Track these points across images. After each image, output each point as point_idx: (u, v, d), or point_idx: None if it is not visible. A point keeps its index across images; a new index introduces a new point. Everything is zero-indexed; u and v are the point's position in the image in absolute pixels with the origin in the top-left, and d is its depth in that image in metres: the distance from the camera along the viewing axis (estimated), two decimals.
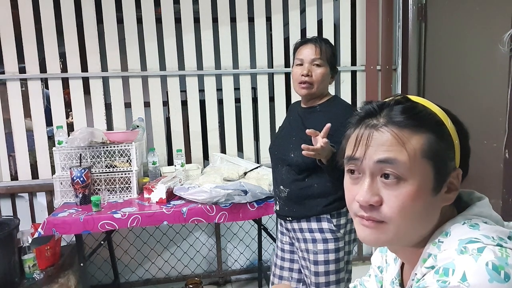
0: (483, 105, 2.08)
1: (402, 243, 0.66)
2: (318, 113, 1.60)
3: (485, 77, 2.08)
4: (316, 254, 1.56)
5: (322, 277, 1.56)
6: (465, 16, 2.23)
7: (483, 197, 0.68)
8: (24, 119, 2.53)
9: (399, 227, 0.62)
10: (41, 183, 2.56)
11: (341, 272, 1.57)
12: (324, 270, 1.56)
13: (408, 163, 0.61)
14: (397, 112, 0.63)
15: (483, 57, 2.08)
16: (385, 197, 0.62)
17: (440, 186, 0.63)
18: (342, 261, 1.57)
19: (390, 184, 0.61)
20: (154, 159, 2.44)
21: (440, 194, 0.64)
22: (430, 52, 2.62)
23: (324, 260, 1.55)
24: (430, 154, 0.62)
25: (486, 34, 2.06)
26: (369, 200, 0.62)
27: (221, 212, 2.02)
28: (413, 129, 0.62)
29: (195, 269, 2.86)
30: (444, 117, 0.65)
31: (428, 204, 0.63)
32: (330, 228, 1.55)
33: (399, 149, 0.61)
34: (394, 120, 0.63)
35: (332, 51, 1.62)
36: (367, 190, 0.63)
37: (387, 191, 0.62)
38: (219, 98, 2.76)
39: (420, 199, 0.61)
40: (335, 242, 1.55)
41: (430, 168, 0.62)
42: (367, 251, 3.07)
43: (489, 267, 0.54)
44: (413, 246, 0.67)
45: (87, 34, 2.54)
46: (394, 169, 0.61)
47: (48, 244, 2.18)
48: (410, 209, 0.61)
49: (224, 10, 2.66)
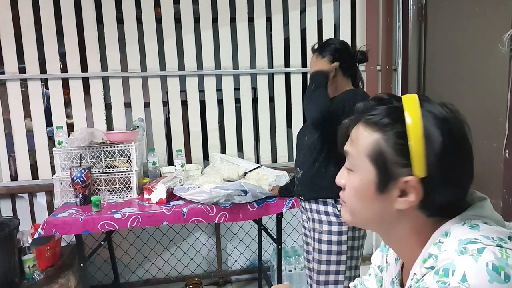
0: (483, 105, 2.08)
1: (363, 225, 0.74)
2: (334, 100, 1.72)
3: (485, 77, 2.08)
4: (321, 234, 1.72)
5: (324, 255, 1.71)
6: (465, 16, 2.23)
7: (484, 197, 0.68)
8: (24, 119, 2.53)
9: (351, 209, 0.71)
10: (41, 183, 2.56)
11: (342, 255, 1.70)
12: (326, 249, 1.71)
13: (355, 158, 0.69)
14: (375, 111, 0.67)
15: (483, 57, 2.08)
16: (346, 182, 0.72)
17: (385, 186, 0.65)
18: (344, 245, 1.70)
19: (348, 173, 0.71)
20: (154, 159, 2.44)
21: (390, 195, 0.64)
22: (430, 52, 2.63)
23: (327, 240, 1.71)
24: (372, 155, 0.65)
25: (486, 34, 2.06)
26: (338, 182, 0.74)
27: (221, 212, 2.02)
28: (371, 130, 0.66)
29: (195, 270, 2.86)
30: (415, 125, 0.61)
31: (373, 198, 0.67)
32: (335, 212, 1.70)
33: (354, 145, 0.69)
34: (367, 118, 0.67)
35: (332, 51, 1.72)
36: (339, 174, 0.74)
37: (346, 177, 0.72)
38: (219, 98, 2.76)
39: (365, 193, 0.67)
40: (338, 225, 1.69)
41: (372, 168, 0.66)
42: (367, 251, 3.07)
43: (489, 268, 0.54)
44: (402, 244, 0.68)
45: (87, 34, 2.54)
46: (348, 160, 0.71)
47: (48, 245, 2.18)
48: (356, 197, 0.69)
49: (224, 10, 2.66)
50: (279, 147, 2.84)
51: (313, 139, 1.73)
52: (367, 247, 3.07)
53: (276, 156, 2.84)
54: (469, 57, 2.22)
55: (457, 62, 2.34)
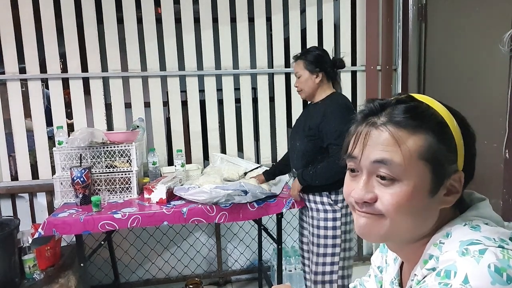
0: (483, 105, 2.08)
1: (395, 239, 0.66)
2: (319, 106, 1.98)
3: (485, 77, 2.08)
4: (318, 221, 1.97)
5: (322, 239, 1.96)
6: (465, 16, 2.23)
7: (483, 198, 0.67)
8: (24, 119, 2.53)
9: (394, 223, 0.63)
10: (41, 183, 2.56)
11: (337, 238, 1.95)
12: (323, 234, 1.96)
13: (403, 164, 0.60)
14: (398, 111, 0.63)
15: (483, 57, 2.08)
16: (380, 194, 0.63)
17: (437, 188, 0.62)
18: (338, 229, 1.95)
19: (385, 184, 0.62)
20: (154, 159, 2.44)
21: (438, 196, 0.63)
22: (430, 52, 2.62)
23: (324, 226, 1.96)
24: (427, 156, 0.61)
25: (486, 34, 2.06)
26: (363, 197, 0.64)
27: (221, 212, 2.02)
28: (412, 130, 0.61)
29: (195, 270, 2.86)
30: (449, 118, 0.63)
31: (424, 205, 0.62)
32: (329, 202, 1.95)
33: (395, 150, 0.61)
34: (394, 119, 0.62)
35: (307, 59, 1.98)
36: (362, 188, 0.64)
37: (382, 189, 0.63)
38: (219, 98, 2.76)
39: (415, 200, 0.61)
40: (333, 213, 1.95)
41: (427, 170, 0.61)
42: (368, 251, 3.07)
43: (491, 269, 0.53)
44: (412, 245, 0.67)
45: (87, 34, 2.54)
46: (388, 170, 0.61)
47: (48, 245, 2.19)
48: (404, 208, 0.61)
49: (224, 10, 2.66)
50: (279, 147, 2.84)
51: (305, 145, 1.97)
52: (367, 247, 3.08)
53: (276, 156, 2.84)
54: (469, 57, 2.22)
55: (457, 62, 2.34)
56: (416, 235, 0.65)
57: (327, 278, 1.98)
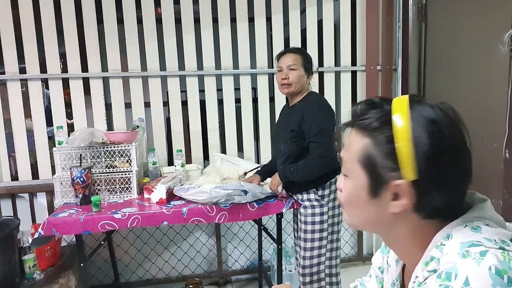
0: (483, 105, 2.08)
1: (362, 227, 0.74)
2: (298, 108, 2.02)
3: (485, 77, 2.08)
4: (306, 216, 2.04)
5: (309, 234, 2.03)
6: (465, 16, 2.23)
7: (485, 199, 0.67)
8: (24, 119, 2.53)
9: (349, 213, 0.73)
10: (41, 183, 2.56)
11: (324, 232, 2.04)
12: (310, 229, 2.03)
13: (347, 163, 0.69)
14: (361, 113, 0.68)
15: (483, 57, 2.08)
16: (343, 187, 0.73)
17: (377, 191, 0.65)
18: (325, 223, 2.04)
19: (344, 179, 0.72)
20: (154, 159, 2.44)
21: (383, 199, 0.64)
22: (430, 52, 2.62)
23: (312, 221, 2.03)
24: (362, 160, 0.65)
25: (486, 34, 2.06)
26: (338, 186, 0.75)
27: (221, 212, 2.02)
28: (360, 133, 0.66)
29: (195, 270, 2.86)
30: (403, 125, 0.60)
31: (369, 204, 0.67)
32: (316, 198, 2.02)
33: (346, 150, 0.70)
34: (355, 122, 0.68)
35: (306, 57, 2.03)
36: (339, 179, 0.75)
37: (344, 183, 0.72)
38: (219, 98, 2.76)
39: (357, 197, 0.68)
40: (320, 208, 2.02)
41: (363, 173, 0.66)
42: (368, 251, 3.07)
43: (492, 272, 0.53)
44: (411, 248, 0.67)
45: (87, 34, 2.54)
46: (343, 167, 0.71)
47: (48, 245, 2.19)
48: (351, 201, 0.70)
49: (224, 10, 2.66)
50: None
51: (289, 147, 2.02)
52: (367, 247, 3.08)
53: None
54: (469, 57, 2.22)
55: (457, 62, 2.34)
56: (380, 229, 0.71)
57: (314, 270, 2.06)
